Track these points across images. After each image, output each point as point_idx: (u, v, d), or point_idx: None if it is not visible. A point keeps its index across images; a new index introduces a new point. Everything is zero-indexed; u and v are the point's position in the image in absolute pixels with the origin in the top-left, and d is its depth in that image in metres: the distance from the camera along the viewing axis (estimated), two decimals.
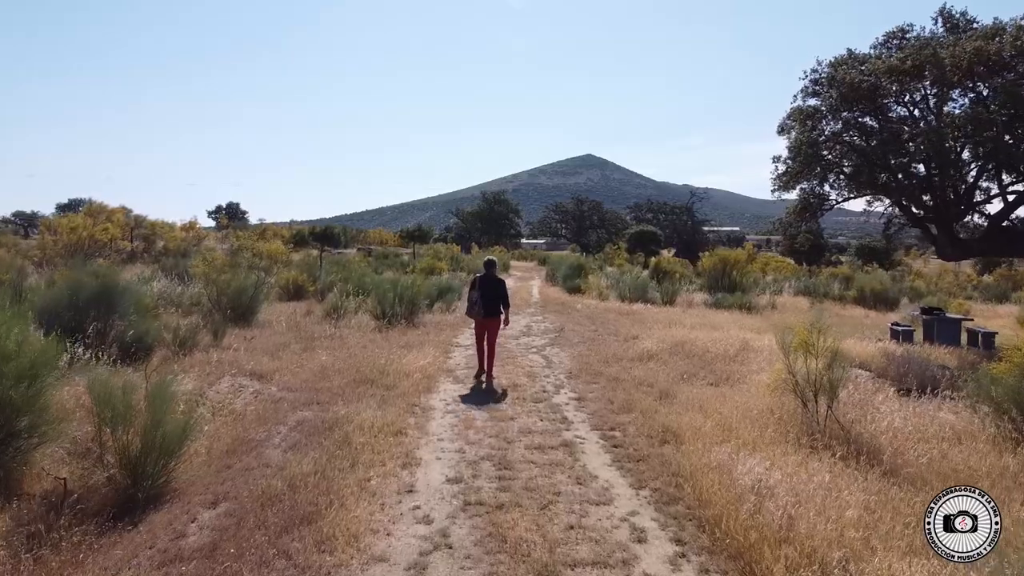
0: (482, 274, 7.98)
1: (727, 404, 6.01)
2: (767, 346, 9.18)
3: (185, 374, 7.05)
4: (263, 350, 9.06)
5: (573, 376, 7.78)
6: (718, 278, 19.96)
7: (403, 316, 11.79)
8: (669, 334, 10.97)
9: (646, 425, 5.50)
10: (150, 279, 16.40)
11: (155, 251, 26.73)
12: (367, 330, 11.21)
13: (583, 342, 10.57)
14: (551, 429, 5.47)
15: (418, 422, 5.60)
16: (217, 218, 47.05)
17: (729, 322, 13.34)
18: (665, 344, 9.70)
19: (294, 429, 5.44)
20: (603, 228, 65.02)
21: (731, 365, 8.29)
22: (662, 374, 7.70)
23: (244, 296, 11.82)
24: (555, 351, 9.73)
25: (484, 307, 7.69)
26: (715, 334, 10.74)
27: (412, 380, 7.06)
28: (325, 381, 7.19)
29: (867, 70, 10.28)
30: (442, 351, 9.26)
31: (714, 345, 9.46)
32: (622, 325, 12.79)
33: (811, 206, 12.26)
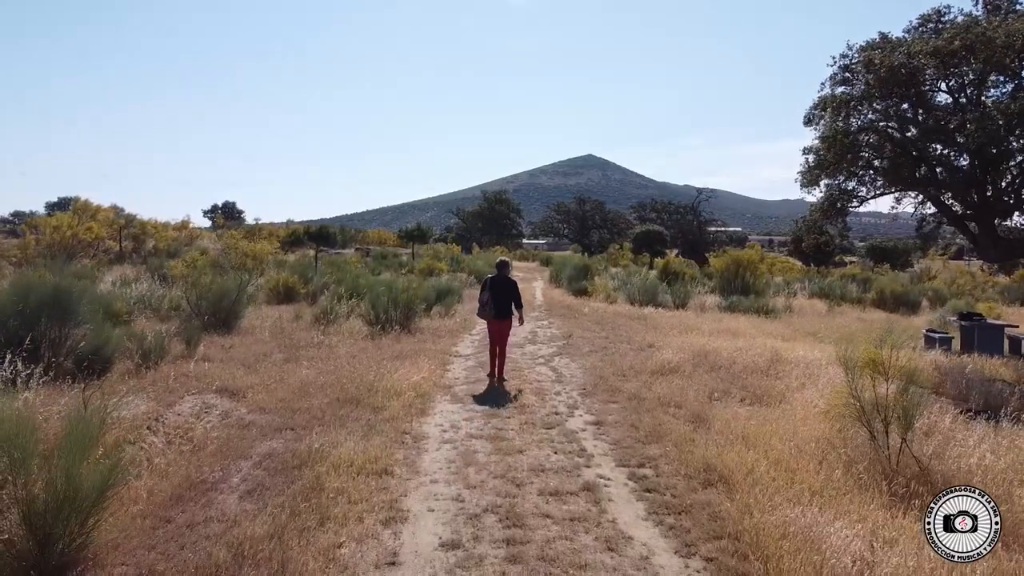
0: (494, 275, 7.83)
1: (774, 432, 5.07)
2: (802, 358, 8.25)
3: (141, 393, 6.13)
4: (241, 361, 8.15)
5: (588, 393, 6.85)
6: (731, 280, 19.02)
7: (398, 322, 10.87)
8: (688, 342, 10.05)
9: (682, 461, 4.56)
10: (132, 281, 15.51)
11: (145, 251, 25.82)
12: (358, 337, 10.30)
13: (595, 351, 9.64)
14: (568, 466, 4.54)
15: (408, 456, 4.67)
16: (213, 217, 46.12)
17: (749, 328, 12.41)
18: (686, 354, 8.77)
19: (258, 465, 4.52)
20: (605, 228, 64.10)
21: (765, 380, 7.35)
22: (689, 391, 6.77)
23: (226, 300, 10.90)
24: (564, 362, 8.80)
25: (496, 308, 7.50)
26: (739, 342, 9.82)
27: (404, 400, 6.13)
28: (304, 400, 6.27)
29: (908, 52, 9.33)
30: (439, 362, 8.33)
31: (741, 355, 8.54)
32: (635, 331, 11.86)
33: (837, 203, 11.33)
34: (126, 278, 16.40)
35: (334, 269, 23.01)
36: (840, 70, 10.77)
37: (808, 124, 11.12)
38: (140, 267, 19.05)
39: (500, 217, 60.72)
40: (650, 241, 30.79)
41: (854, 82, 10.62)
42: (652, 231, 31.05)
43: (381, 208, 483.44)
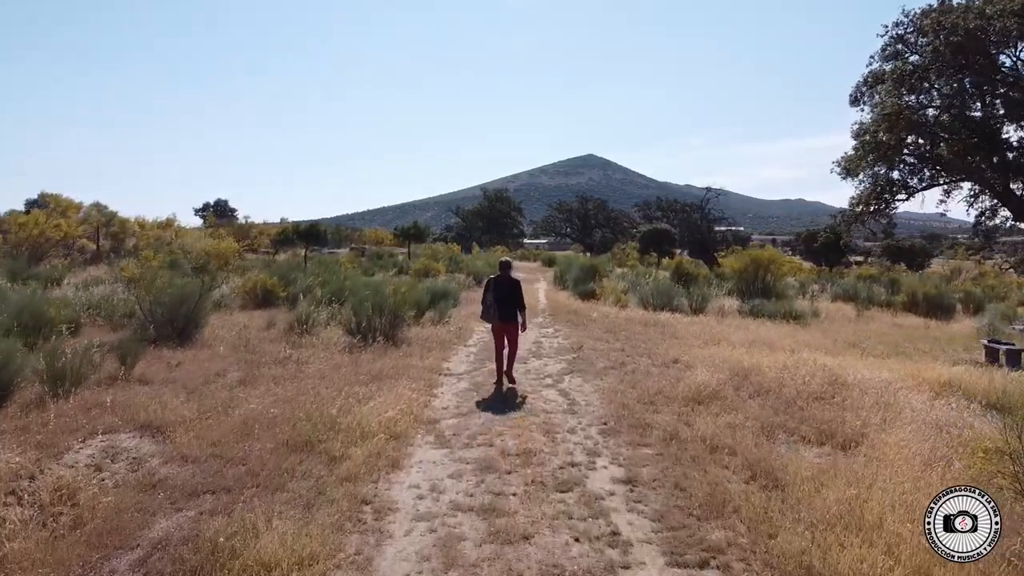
0: (496, 275, 7.40)
1: (882, 503, 3.61)
2: (865, 381, 6.77)
3: (23, 435, 4.69)
4: (184, 384, 6.71)
5: (610, 431, 5.38)
6: (750, 282, 17.55)
7: (382, 332, 9.41)
8: (718, 356, 8.60)
9: (765, 559, 3.11)
10: (98, 283, 14.07)
11: (124, 251, 24.41)
12: (336, 350, 8.86)
13: (611, 367, 8.18)
14: (596, 566, 3.08)
15: (362, 549, 3.20)
16: (204, 216, 44.61)
17: (782, 338, 10.94)
18: (721, 372, 7.32)
19: (140, 566, 3.07)
20: (608, 227, 62.68)
21: (828, 410, 5.89)
22: (740, 428, 5.31)
23: (185, 306, 9.46)
24: (576, 383, 7.34)
25: (500, 311, 7.13)
26: (779, 357, 8.35)
27: (371, 445, 4.67)
28: (245, 443, 4.82)
29: (981, 14, 7.86)
30: (425, 385, 6.86)
31: (788, 376, 7.08)
32: (653, 342, 10.40)
33: (884, 195, 9.88)
34: (96, 280, 14.98)
35: (323, 269, 21.58)
36: (892, 40, 9.31)
37: (855, 104, 9.68)
38: (116, 268, 17.65)
39: (501, 216, 59.15)
40: (658, 240, 29.31)
41: (907, 53, 9.17)
42: (660, 230, 29.56)
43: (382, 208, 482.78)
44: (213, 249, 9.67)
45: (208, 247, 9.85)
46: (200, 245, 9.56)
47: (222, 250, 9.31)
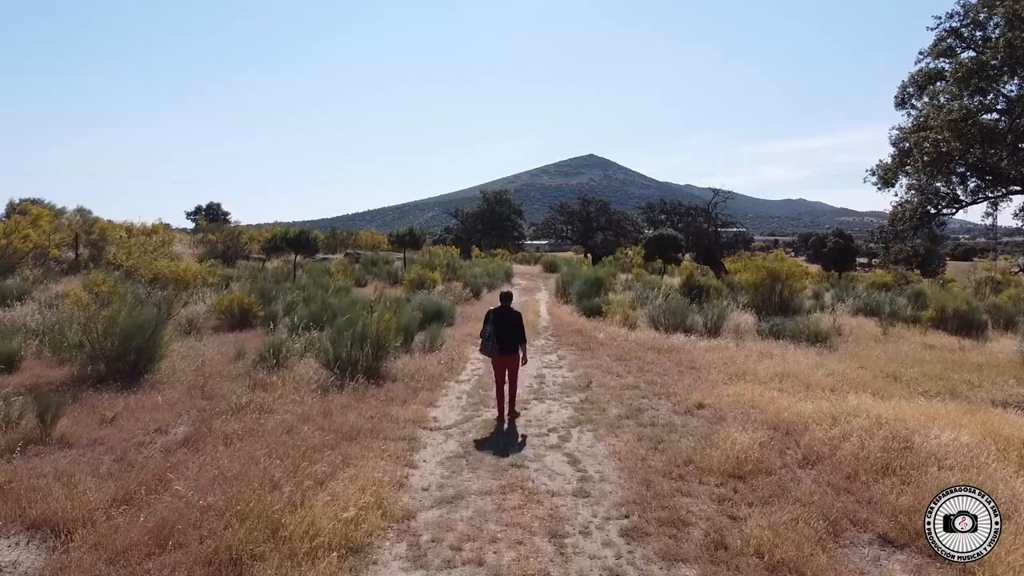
0: (496, 307, 7.19)
1: None
2: (940, 447, 5.56)
3: None
4: (115, 447, 5.58)
5: (634, 531, 4.18)
6: (766, 295, 16.37)
7: (362, 369, 8.25)
8: (748, 398, 7.46)
9: None
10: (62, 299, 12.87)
11: (105, 260, 23.23)
12: (308, 389, 7.71)
13: (626, 415, 7.01)
14: None
15: None
16: (196, 219, 43.34)
17: (812, 368, 9.74)
18: (759, 429, 6.15)
19: None
20: (610, 229, 61.54)
21: (903, 492, 4.70)
22: (802, 526, 4.13)
23: (138, 338, 8.31)
24: (586, 441, 6.16)
25: (500, 344, 6.90)
26: (821, 404, 7.15)
27: (320, 570, 3.49)
28: (157, 557, 3.66)
29: None
30: (405, 448, 5.68)
31: (839, 432, 5.92)
32: (669, 375, 9.25)
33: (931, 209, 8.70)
34: (67, 295, 13.77)
35: (311, 280, 20.42)
36: (946, 34, 8.12)
37: (902, 106, 8.50)
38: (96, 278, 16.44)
39: (501, 219, 57.89)
40: (664, 247, 28.13)
41: (961, 48, 7.99)
42: (666, 236, 28.37)
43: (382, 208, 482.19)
44: (171, 271, 8.51)
45: (166, 269, 8.66)
46: (155, 267, 8.36)
47: (182, 272, 8.17)
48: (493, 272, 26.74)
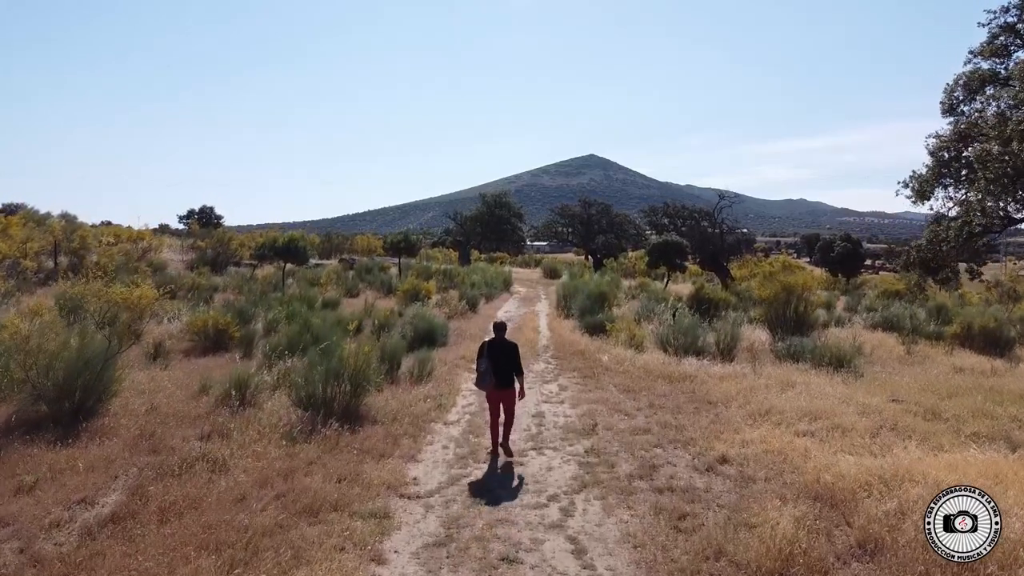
0: (491, 339, 6.94)
1: None
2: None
3: None
4: (20, 531, 4.59)
5: None
6: (781, 311, 15.37)
7: (336, 413, 7.28)
8: (776, 447, 6.52)
9: None
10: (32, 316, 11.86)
11: (85, 269, 22.25)
12: (275, 436, 6.74)
13: (639, 473, 6.02)
14: None
15: None
16: (188, 223, 42.30)
17: (842, 403, 8.73)
18: (799, 502, 5.18)
19: None
20: (612, 232, 60.46)
21: None
22: None
23: (84, 375, 7.33)
24: (594, 513, 5.16)
25: (497, 377, 6.61)
26: (865, 461, 6.16)
27: None
28: None
29: None
30: (374, 532, 4.67)
31: (896, 507, 4.92)
32: (684, 411, 8.29)
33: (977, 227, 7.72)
34: (39, 310, 12.75)
35: (299, 292, 19.44)
36: (999, 31, 7.14)
37: (951, 113, 7.52)
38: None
39: (500, 222, 56.85)
40: (668, 254, 27.14)
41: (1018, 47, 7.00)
42: (671, 243, 27.36)
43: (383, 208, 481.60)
44: (123, 299, 7.52)
45: (117, 296, 7.67)
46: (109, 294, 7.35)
47: (135, 300, 7.20)
48: (492, 281, 25.73)
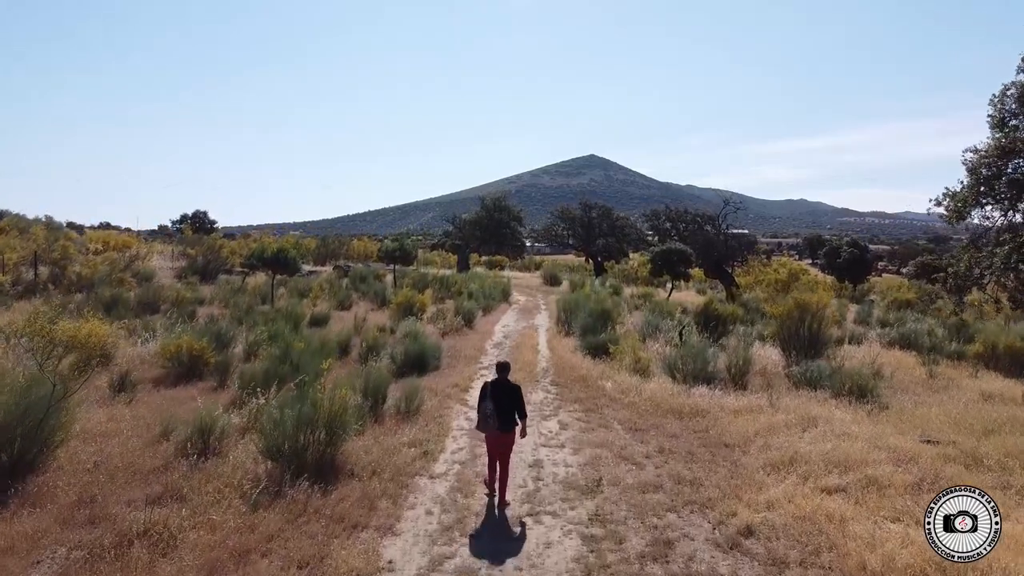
0: (493, 379, 6.53)
1: None
2: None
3: None
4: None
5: None
6: (794, 329, 14.53)
7: (314, 456, 6.46)
8: (807, 512, 5.71)
9: None
10: None
11: (67, 280, 21.45)
12: (234, 498, 5.93)
13: (652, 554, 5.18)
14: None
15: None
16: (181, 228, 41.41)
17: (872, 447, 7.88)
18: None
19: None
20: (612, 235, 59.60)
21: None
22: None
23: (24, 423, 6.48)
24: None
25: (500, 420, 6.26)
26: (911, 533, 5.32)
27: None
28: None
29: None
30: None
31: None
32: (698, 458, 7.47)
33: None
34: (9, 329, 11.86)
35: (288, 305, 18.61)
36: None
37: (1000, 127, 6.68)
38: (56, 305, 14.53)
39: (500, 226, 55.94)
40: (672, 262, 26.31)
41: None
42: (675, 250, 26.54)
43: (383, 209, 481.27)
44: (71, 337, 6.71)
45: (65, 334, 6.85)
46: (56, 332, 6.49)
47: (83, 338, 6.43)
48: (490, 292, 24.86)
